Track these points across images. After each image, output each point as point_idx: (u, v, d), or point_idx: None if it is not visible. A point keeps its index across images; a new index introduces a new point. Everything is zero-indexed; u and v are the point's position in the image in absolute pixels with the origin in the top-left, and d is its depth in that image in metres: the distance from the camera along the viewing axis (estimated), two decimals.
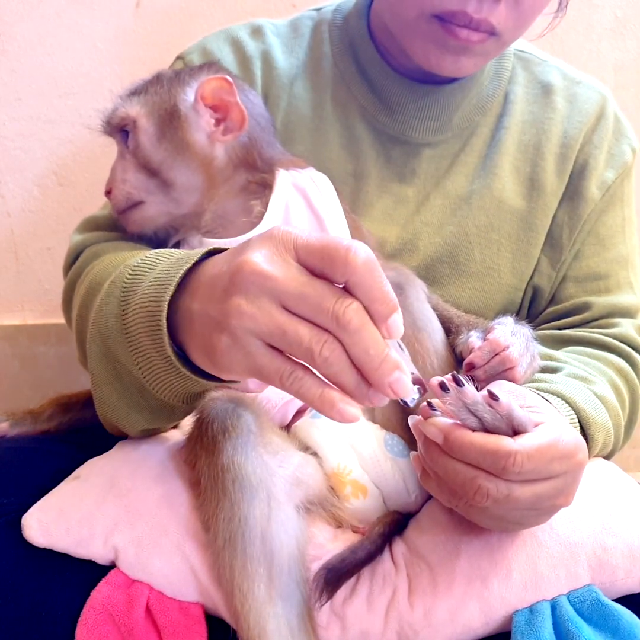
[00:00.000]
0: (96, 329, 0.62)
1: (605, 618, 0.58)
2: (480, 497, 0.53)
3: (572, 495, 0.58)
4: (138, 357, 0.58)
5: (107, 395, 0.65)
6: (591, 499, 0.64)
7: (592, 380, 0.74)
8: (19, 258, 1.27)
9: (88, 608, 0.60)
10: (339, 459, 0.68)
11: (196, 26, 1.16)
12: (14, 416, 0.84)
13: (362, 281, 0.47)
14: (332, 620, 0.61)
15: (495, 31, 0.76)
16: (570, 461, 0.56)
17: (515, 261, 0.88)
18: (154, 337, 0.56)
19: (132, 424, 0.66)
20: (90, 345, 0.64)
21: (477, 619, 0.60)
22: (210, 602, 0.62)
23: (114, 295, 0.61)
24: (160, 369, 0.58)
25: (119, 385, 0.63)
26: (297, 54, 0.91)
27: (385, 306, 0.47)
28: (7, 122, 1.21)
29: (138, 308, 0.57)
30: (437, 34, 0.76)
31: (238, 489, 0.60)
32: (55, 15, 1.17)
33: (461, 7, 0.73)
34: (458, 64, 0.78)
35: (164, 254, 0.60)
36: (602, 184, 0.87)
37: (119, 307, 0.59)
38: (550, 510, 0.58)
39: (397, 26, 0.81)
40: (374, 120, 0.88)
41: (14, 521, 0.64)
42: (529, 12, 0.77)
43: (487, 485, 0.53)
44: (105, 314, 0.61)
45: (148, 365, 0.58)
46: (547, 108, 0.89)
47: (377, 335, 0.47)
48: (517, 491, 0.54)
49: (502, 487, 0.53)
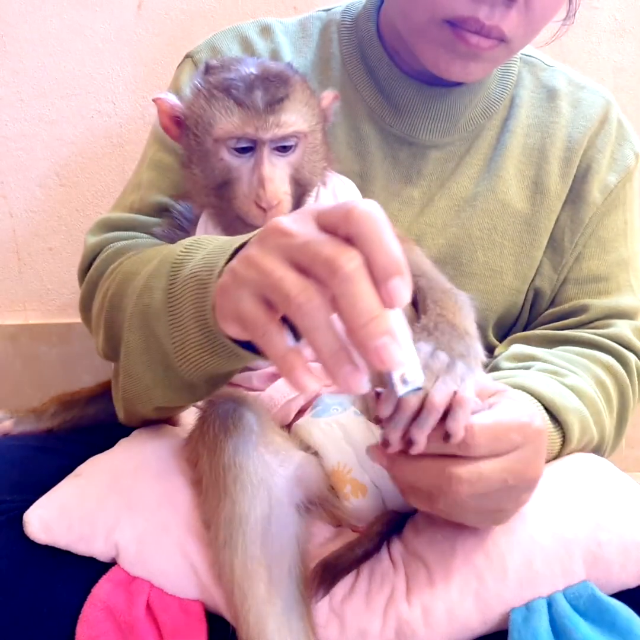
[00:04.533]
0: (140, 301, 0.64)
1: (601, 613, 0.58)
2: (457, 484, 0.53)
3: (541, 467, 0.58)
4: (175, 331, 0.59)
5: (135, 366, 0.66)
6: (584, 495, 0.64)
7: (562, 374, 0.75)
8: (21, 258, 1.27)
9: (89, 605, 0.60)
10: (339, 458, 0.68)
11: (197, 27, 1.17)
12: (17, 414, 0.84)
13: (361, 231, 0.44)
14: (331, 619, 0.61)
15: (506, 38, 0.76)
16: (528, 430, 0.56)
17: (518, 263, 0.88)
18: (199, 305, 0.57)
19: (151, 399, 0.67)
20: (129, 317, 0.65)
21: (474, 617, 0.60)
22: (211, 600, 0.62)
23: (162, 270, 0.62)
24: (194, 343, 0.58)
25: (147, 358, 0.64)
26: (305, 54, 0.91)
27: (387, 263, 0.43)
28: (9, 123, 1.21)
29: (188, 279, 0.58)
30: (447, 39, 0.76)
31: (239, 488, 0.60)
32: (57, 17, 1.17)
33: (473, 13, 0.73)
34: (467, 69, 0.79)
35: (214, 237, 0.62)
36: (604, 187, 0.87)
37: (167, 280, 0.61)
38: (526, 488, 0.58)
39: (408, 29, 0.81)
40: (382, 121, 0.88)
41: (17, 518, 0.64)
42: (540, 20, 0.77)
43: (457, 471, 0.53)
44: (151, 287, 0.63)
45: (183, 338, 0.59)
46: (552, 112, 0.89)
47: (370, 291, 0.43)
48: (486, 468, 0.54)
49: (472, 467, 0.54)
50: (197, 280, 0.57)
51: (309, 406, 0.74)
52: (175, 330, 0.60)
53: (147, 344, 0.64)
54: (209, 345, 0.58)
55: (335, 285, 0.43)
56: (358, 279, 0.43)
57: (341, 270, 0.43)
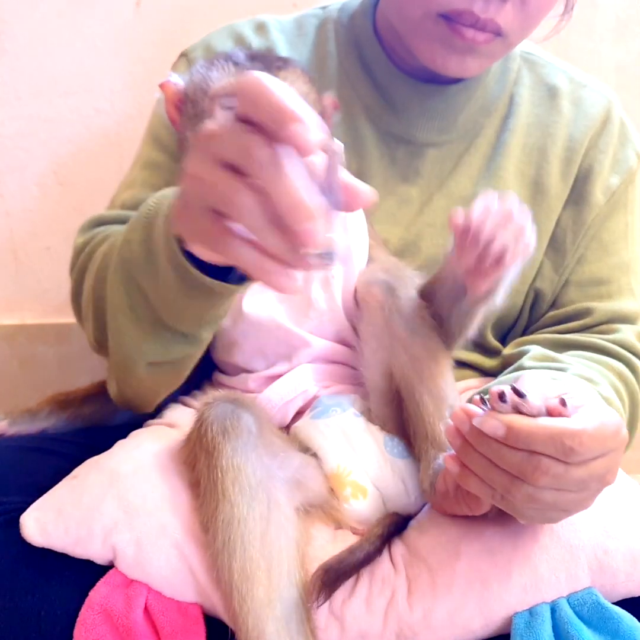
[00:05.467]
0: (120, 257, 0.65)
1: (605, 621, 0.58)
2: (540, 473, 0.52)
3: (616, 473, 0.57)
4: (157, 281, 0.61)
5: (122, 324, 0.67)
6: None
7: (597, 382, 0.74)
8: (18, 258, 1.27)
9: (86, 608, 0.60)
10: (338, 460, 0.68)
11: (196, 25, 1.16)
12: (12, 415, 0.84)
13: (247, 100, 0.42)
14: (331, 621, 0.61)
15: (502, 32, 0.76)
16: (619, 437, 0.56)
17: None
18: (168, 243, 0.58)
19: (143, 355, 0.68)
20: (112, 276, 0.66)
21: (476, 620, 0.60)
22: (209, 602, 0.62)
23: (137, 224, 0.64)
24: (173, 288, 0.60)
25: (133, 315, 0.66)
26: (301, 52, 0.90)
27: (279, 116, 0.41)
28: (7, 121, 1.20)
29: (161, 223, 0.60)
30: (443, 34, 0.76)
31: (238, 491, 0.60)
32: (55, 15, 1.16)
33: (468, 7, 0.73)
34: (463, 64, 0.78)
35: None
36: (606, 189, 0.87)
37: (143, 231, 0.63)
38: (596, 491, 0.57)
39: (403, 25, 0.81)
40: (379, 120, 0.88)
41: (13, 520, 0.63)
42: (535, 13, 0.77)
43: (548, 464, 0.52)
44: (129, 240, 0.64)
45: (163, 286, 0.61)
46: (552, 111, 0.89)
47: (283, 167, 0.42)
48: (576, 471, 0.53)
49: (561, 467, 0.52)
50: (167, 219, 0.59)
51: (308, 408, 0.74)
52: (154, 279, 0.61)
53: (132, 299, 0.65)
54: (185, 285, 0.59)
55: (259, 175, 0.43)
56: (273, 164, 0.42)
57: (257, 161, 0.42)
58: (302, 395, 0.74)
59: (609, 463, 0.55)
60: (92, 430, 0.82)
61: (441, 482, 0.64)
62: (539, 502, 0.55)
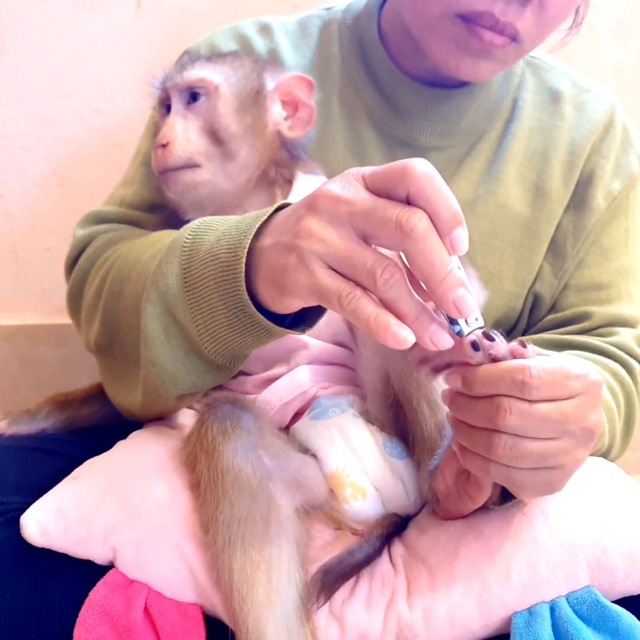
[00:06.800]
0: (154, 289, 0.64)
1: (604, 619, 0.58)
2: (504, 412, 0.52)
3: (598, 421, 0.56)
4: (197, 314, 0.61)
5: (158, 355, 0.66)
6: (591, 500, 0.64)
7: None
8: (19, 258, 1.27)
9: (86, 608, 0.60)
10: (338, 461, 0.68)
11: (197, 26, 1.16)
12: (11, 415, 0.84)
13: (421, 190, 0.47)
14: (331, 622, 0.61)
15: (518, 37, 0.75)
16: (586, 380, 0.54)
17: (518, 268, 0.87)
18: (226, 286, 0.58)
19: (177, 386, 0.68)
20: (145, 306, 0.65)
21: (475, 620, 0.60)
22: (209, 603, 0.62)
23: (174, 255, 0.63)
24: (222, 324, 0.60)
25: (168, 346, 0.65)
26: (305, 54, 0.90)
27: (449, 216, 0.47)
28: (8, 122, 1.21)
29: (207, 261, 0.60)
30: (460, 35, 0.75)
31: (238, 492, 0.60)
32: (56, 15, 1.17)
33: (488, 8, 0.72)
34: (477, 67, 0.77)
35: (221, 218, 0.63)
36: (608, 194, 0.87)
37: (180, 265, 0.62)
38: (582, 438, 0.55)
39: (418, 25, 0.79)
40: (381, 123, 0.87)
41: (13, 520, 0.63)
42: (551, 22, 0.77)
43: (508, 402, 0.52)
44: (165, 273, 0.63)
45: (208, 320, 0.61)
46: (555, 115, 0.89)
47: (442, 246, 0.47)
48: (542, 408, 0.52)
49: (525, 403, 0.52)
50: (219, 262, 0.58)
51: (307, 409, 0.74)
52: (198, 313, 0.61)
53: (167, 331, 0.65)
54: (239, 324, 0.59)
55: (410, 246, 0.47)
56: (430, 237, 0.47)
57: (415, 231, 0.47)
58: (300, 396, 0.74)
59: (583, 407, 0.54)
60: (92, 431, 0.82)
61: (440, 480, 0.64)
62: (525, 457, 0.53)
